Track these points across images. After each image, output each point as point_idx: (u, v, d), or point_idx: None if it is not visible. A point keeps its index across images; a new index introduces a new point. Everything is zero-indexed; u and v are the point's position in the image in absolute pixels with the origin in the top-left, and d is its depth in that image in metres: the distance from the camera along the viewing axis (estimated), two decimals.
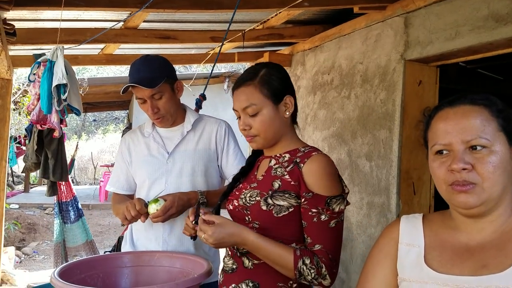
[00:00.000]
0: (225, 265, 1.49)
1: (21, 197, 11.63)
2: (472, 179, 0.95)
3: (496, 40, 2.56)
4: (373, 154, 3.42)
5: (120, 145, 2.10)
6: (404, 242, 1.08)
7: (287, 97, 1.45)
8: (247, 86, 1.42)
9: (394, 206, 3.18)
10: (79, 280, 1.58)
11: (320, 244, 1.30)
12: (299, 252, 1.29)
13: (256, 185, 1.43)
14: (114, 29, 3.72)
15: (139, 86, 1.82)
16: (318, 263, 1.27)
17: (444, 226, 1.06)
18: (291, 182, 1.35)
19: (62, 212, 4.37)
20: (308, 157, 1.36)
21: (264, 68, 1.45)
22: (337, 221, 1.32)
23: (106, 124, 22.31)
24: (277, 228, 1.36)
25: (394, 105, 3.22)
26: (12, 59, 4.34)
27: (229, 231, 1.32)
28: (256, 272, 1.39)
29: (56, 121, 3.19)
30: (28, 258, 6.98)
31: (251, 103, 1.39)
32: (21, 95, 8.02)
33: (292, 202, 1.35)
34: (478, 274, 0.94)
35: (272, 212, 1.35)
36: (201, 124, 2.02)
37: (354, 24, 3.69)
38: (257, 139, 1.43)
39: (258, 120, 1.40)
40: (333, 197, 1.31)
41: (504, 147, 0.96)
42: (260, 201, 1.37)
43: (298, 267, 1.27)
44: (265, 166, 1.48)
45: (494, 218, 0.99)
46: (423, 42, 3.01)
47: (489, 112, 0.97)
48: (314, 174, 1.33)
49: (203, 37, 4.13)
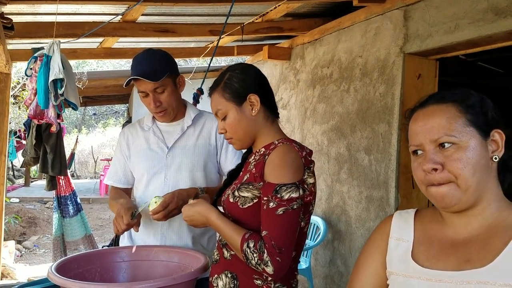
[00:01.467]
0: (212, 256, 1.56)
1: (21, 191, 11.64)
2: (445, 178, 0.96)
3: (495, 33, 2.55)
4: (372, 148, 3.42)
5: (118, 139, 2.09)
6: (394, 237, 1.10)
7: (250, 96, 1.46)
8: (214, 93, 1.51)
9: (393, 200, 3.18)
10: (77, 275, 1.58)
11: (266, 230, 1.31)
12: (248, 235, 1.32)
13: (237, 181, 1.49)
14: (112, 22, 3.71)
15: (142, 79, 1.81)
16: (261, 247, 1.28)
17: (433, 221, 1.08)
18: (255, 174, 1.40)
19: (61, 206, 4.36)
20: (274, 149, 1.40)
21: (228, 72, 1.50)
22: (286, 209, 1.30)
23: (106, 118, 22.32)
24: (245, 219, 1.40)
25: (393, 99, 3.21)
26: (11, 53, 4.33)
27: (197, 210, 1.45)
28: (233, 263, 1.43)
29: (53, 116, 3.18)
30: (28, 252, 7.00)
31: (218, 109, 1.48)
32: (20, 89, 8.00)
33: (255, 193, 1.38)
34: (461, 269, 0.95)
35: (237, 204, 1.40)
36: (201, 119, 2.01)
37: (353, 17, 3.68)
38: (233, 141, 1.50)
39: (227, 124, 1.48)
40: (283, 185, 1.31)
41: (475, 141, 0.96)
42: (229, 194, 1.45)
43: (244, 249, 1.31)
44: (246, 163, 1.54)
45: (478, 212, 0.99)
46: (422, 35, 3.00)
47: (456, 109, 0.98)
48: (270, 164, 1.36)
49: (201, 30, 4.11)
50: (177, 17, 3.97)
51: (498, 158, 0.98)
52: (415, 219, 1.11)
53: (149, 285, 1.35)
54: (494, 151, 0.98)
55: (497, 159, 0.98)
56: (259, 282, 1.39)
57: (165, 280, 1.43)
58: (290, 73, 4.72)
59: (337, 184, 3.82)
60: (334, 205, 3.87)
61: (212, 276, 1.51)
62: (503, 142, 0.98)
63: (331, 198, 3.90)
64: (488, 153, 0.97)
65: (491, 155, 0.97)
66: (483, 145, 0.97)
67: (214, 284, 1.48)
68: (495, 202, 0.98)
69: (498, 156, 0.98)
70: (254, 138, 1.50)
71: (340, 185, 3.79)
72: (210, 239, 1.97)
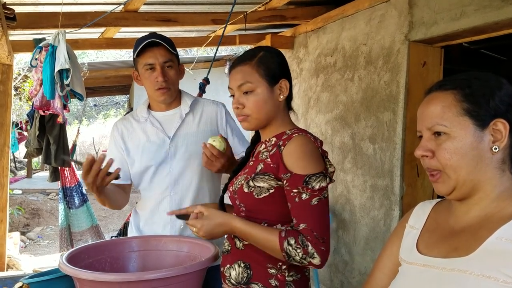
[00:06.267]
0: (223, 247, 1.55)
1: (24, 182, 11.66)
2: (434, 166, 0.98)
3: (502, 19, 2.52)
4: (376, 137, 3.41)
5: (112, 133, 2.01)
6: (409, 224, 1.12)
7: (282, 81, 1.45)
8: (244, 65, 1.45)
9: (398, 188, 3.18)
10: (87, 265, 1.59)
11: (304, 223, 1.30)
12: (284, 233, 1.31)
13: (247, 170, 1.47)
14: (114, 12, 3.68)
15: (155, 48, 1.80)
16: (303, 241, 1.28)
17: (445, 210, 1.08)
18: (271, 164, 1.38)
19: (67, 198, 4.38)
20: (289, 139, 1.38)
21: (263, 51, 1.47)
22: (320, 198, 1.31)
23: (107, 109, 22.28)
24: (260, 209, 1.40)
25: (398, 87, 3.20)
26: (12, 44, 4.31)
27: (217, 222, 1.39)
28: (246, 252, 1.43)
29: (60, 107, 3.17)
30: (32, 243, 7.04)
31: (247, 81, 1.42)
32: (22, 80, 7.97)
33: (272, 183, 1.37)
34: (448, 257, 0.95)
35: (253, 194, 1.39)
36: (198, 106, 1.99)
37: (357, 4, 3.64)
38: (249, 119, 1.45)
39: (251, 100, 1.43)
40: (312, 175, 1.31)
41: (467, 131, 0.95)
42: (243, 184, 1.42)
43: (285, 248, 1.29)
44: (257, 152, 1.51)
45: (476, 201, 0.98)
46: (427, 23, 2.97)
47: (454, 97, 0.97)
48: (292, 155, 1.35)
49: (204, 19, 4.09)
50: (179, 6, 3.94)
51: (498, 148, 0.95)
52: (433, 209, 1.12)
53: (161, 274, 1.35)
54: (495, 141, 0.95)
55: (497, 150, 0.95)
56: (273, 271, 1.39)
57: (177, 270, 1.43)
58: (293, 62, 4.69)
59: (341, 173, 3.82)
60: (339, 194, 3.87)
61: (223, 266, 1.50)
62: (506, 132, 0.94)
63: (336, 187, 3.90)
64: (485, 144, 0.95)
65: (491, 145, 0.95)
66: (477, 135, 0.95)
67: (226, 274, 1.47)
68: (495, 193, 0.97)
69: (499, 147, 0.95)
70: (268, 123, 1.48)
71: (345, 174, 3.78)
72: None
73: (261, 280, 1.39)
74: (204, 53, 7.99)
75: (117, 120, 2.11)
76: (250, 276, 1.41)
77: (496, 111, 0.95)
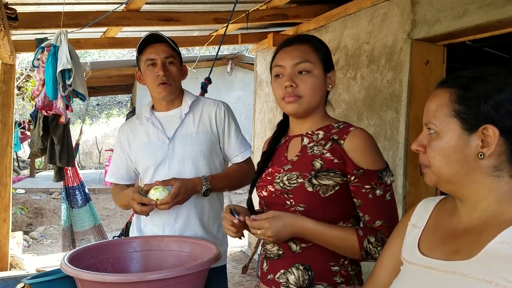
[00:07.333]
0: (269, 252, 1.44)
1: (27, 182, 11.68)
2: (423, 161, 1.00)
3: (505, 17, 2.51)
4: (379, 136, 3.40)
5: (118, 135, 2.05)
6: (411, 223, 1.11)
7: (333, 71, 1.42)
8: (303, 44, 1.38)
9: (401, 187, 3.17)
10: (89, 265, 1.59)
11: (380, 220, 1.29)
12: (362, 232, 1.28)
13: (290, 166, 1.38)
14: (116, 12, 3.68)
15: (157, 44, 1.84)
16: (382, 239, 1.26)
17: (449, 209, 1.06)
18: (334, 160, 1.31)
19: (69, 197, 4.39)
20: (346, 133, 1.32)
21: (316, 38, 1.44)
22: (392, 193, 1.31)
23: (110, 108, 22.32)
24: (324, 208, 1.33)
25: (401, 86, 3.19)
26: (14, 44, 4.32)
27: (286, 222, 1.29)
28: (305, 255, 1.36)
29: (62, 107, 3.17)
30: (35, 243, 7.05)
31: (306, 59, 1.35)
32: (24, 80, 7.99)
33: (337, 180, 1.31)
34: (449, 259, 0.94)
35: (319, 193, 1.32)
36: (199, 106, 1.98)
37: (359, 3, 3.63)
38: (302, 101, 1.36)
39: (309, 81, 1.35)
40: (383, 170, 1.30)
41: (453, 134, 0.93)
42: (304, 183, 1.33)
43: (364, 246, 1.27)
44: (296, 146, 1.42)
45: (474, 203, 0.96)
46: (430, 21, 2.96)
47: (449, 97, 0.95)
48: (360, 150, 1.30)
49: (206, 18, 4.08)
50: (181, 5, 3.94)
51: (483, 155, 0.90)
52: (436, 207, 1.10)
53: (162, 275, 1.35)
54: (484, 147, 0.91)
55: (483, 157, 0.91)
56: (336, 268, 1.35)
57: (179, 270, 1.43)
58: None
59: None
60: None
61: (274, 272, 1.41)
62: (495, 140, 0.89)
63: None
64: (471, 149, 0.92)
65: (479, 151, 0.91)
66: (463, 139, 0.93)
67: (281, 280, 1.39)
68: (493, 196, 0.94)
69: (484, 154, 0.90)
70: (312, 113, 1.40)
71: None
72: (220, 227, 1.95)
73: (326, 280, 1.34)
74: (206, 52, 7.99)
75: (123, 123, 2.15)
76: (312, 278, 1.35)
77: (487, 116, 0.90)
